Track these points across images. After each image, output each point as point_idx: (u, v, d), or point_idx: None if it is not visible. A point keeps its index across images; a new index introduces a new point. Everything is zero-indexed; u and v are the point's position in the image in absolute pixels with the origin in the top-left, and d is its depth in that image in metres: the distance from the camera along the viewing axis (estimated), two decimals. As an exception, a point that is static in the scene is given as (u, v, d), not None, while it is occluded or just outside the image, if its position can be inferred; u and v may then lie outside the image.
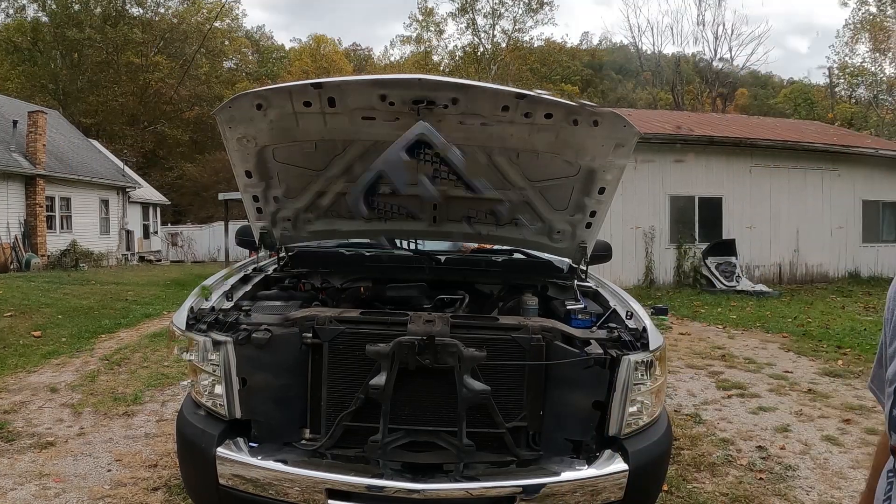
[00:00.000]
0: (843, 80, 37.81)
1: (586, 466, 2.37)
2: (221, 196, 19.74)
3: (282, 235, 3.42)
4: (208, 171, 34.47)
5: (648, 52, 41.57)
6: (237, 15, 46.09)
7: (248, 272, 3.48)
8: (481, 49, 44.80)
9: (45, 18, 37.39)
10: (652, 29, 66.99)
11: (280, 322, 2.48)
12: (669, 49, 44.29)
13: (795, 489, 3.66)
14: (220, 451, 2.28)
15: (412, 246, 3.74)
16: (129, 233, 26.17)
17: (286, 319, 2.49)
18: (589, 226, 3.15)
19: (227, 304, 2.82)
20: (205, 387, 2.44)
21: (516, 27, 44.70)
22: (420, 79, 2.45)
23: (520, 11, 44.19)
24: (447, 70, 43.93)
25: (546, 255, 3.66)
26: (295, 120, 2.74)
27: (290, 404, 2.41)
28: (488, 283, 3.58)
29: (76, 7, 37.33)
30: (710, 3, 51.82)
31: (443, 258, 3.62)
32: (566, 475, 2.33)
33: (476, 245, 4.03)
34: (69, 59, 37.15)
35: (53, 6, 36.89)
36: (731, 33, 52.17)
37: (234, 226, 12.91)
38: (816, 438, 4.53)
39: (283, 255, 3.53)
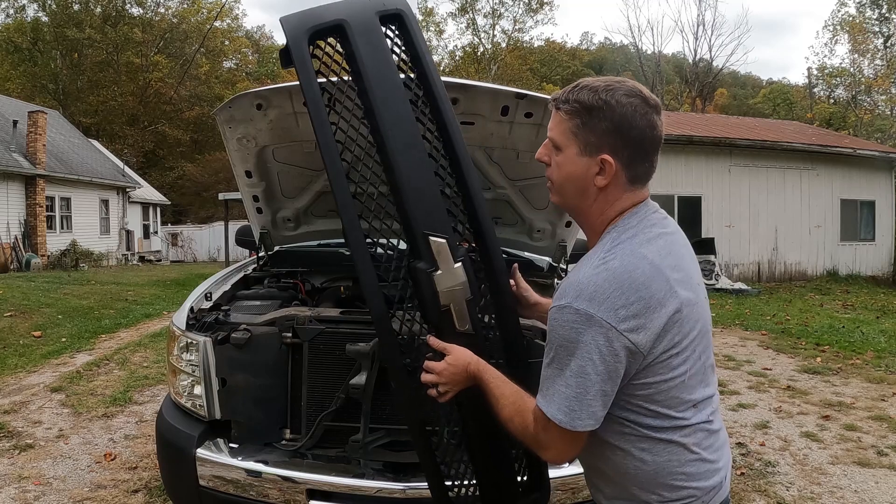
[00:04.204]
0: (821, 81, 38.10)
1: (567, 464, 2.36)
2: (221, 196, 19.73)
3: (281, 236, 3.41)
4: (208, 171, 34.46)
5: (648, 51, 41.66)
6: (237, 15, 46.26)
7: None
8: (481, 49, 44.78)
9: (45, 18, 37.44)
10: (652, 29, 67.10)
11: (260, 322, 2.48)
12: (649, 48, 44.54)
13: (776, 485, 3.68)
14: (200, 451, 2.27)
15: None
16: (129, 233, 26.21)
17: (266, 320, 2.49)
18: (569, 224, 3.15)
19: (207, 304, 2.82)
20: (184, 387, 2.44)
21: (516, 27, 44.73)
22: None
23: (520, 11, 44.21)
24: (447, 70, 43.90)
25: (526, 254, 3.65)
26: (295, 120, 2.74)
27: (271, 404, 2.41)
28: None
29: (76, 7, 37.37)
30: (703, 4, 51.86)
31: None
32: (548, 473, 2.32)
33: None
34: (69, 59, 37.19)
35: (53, 6, 36.94)
36: (712, 33, 52.64)
37: (234, 226, 12.92)
38: (796, 435, 4.56)
39: (262, 254, 3.53)
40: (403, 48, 1.69)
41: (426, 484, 2.20)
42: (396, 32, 1.69)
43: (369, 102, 1.57)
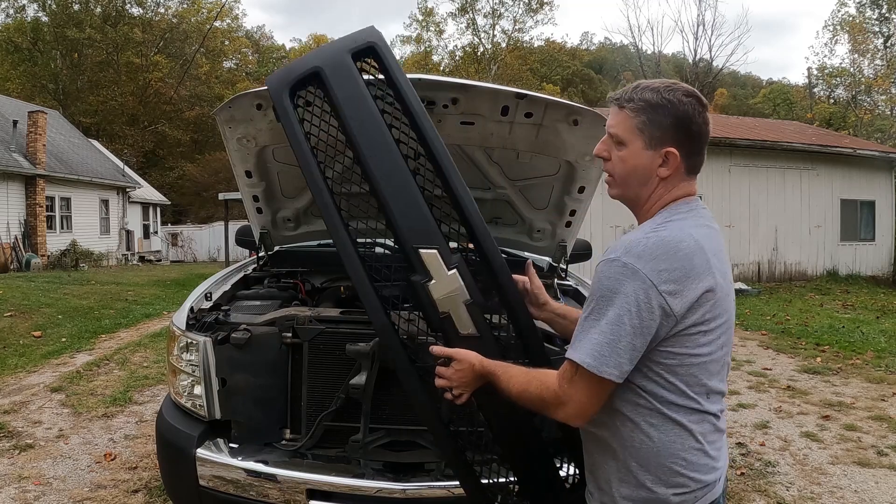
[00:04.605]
0: (821, 81, 38.10)
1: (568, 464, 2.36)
2: (221, 196, 19.72)
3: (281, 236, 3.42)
4: (208, 171, 34.45)
5: (648, 51, 41.66)
6: (237, 15, 46.19)
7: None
8: (481, 49, 44.76)
9: (45, 18, 37.38)
10: (652, 29, 67.09)
11: (260, 322, 2.48)
12: (649, 48, 44.54)
13: (776, 485, 3.68)
14: (200, 451, 2.27)
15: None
16: (129, 233, 26.20)
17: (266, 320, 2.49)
18: (569, 224, 3.16)
19: (207, 304, 2.82)
20: (184, 387, 2.44)
21: (516, 27, 44.73)
22: (419, 78, 2.44)
23: (520, 11, 44.21)
24: (447, 70, 43.90)
25: (526, 254, 3.64)
26: None
27: (271, 404, 2.40)
28: None
29: (76, 7, 37.34)
30: (703, 4, 51.86)
31: None
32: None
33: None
34: (69, 59, 37.17)
35: (53, 6, 36.90)
36: (712, 33, 52.55)
37: (234, 226, 12.92)
38: (796, 435, 4.57)
39: (262, 254, 3.53)
40: (381, 75, 1.83)
41: (426, 484, 2.22)
42: (372, 63, 1.83)
43: (348, 134, 1.71)
